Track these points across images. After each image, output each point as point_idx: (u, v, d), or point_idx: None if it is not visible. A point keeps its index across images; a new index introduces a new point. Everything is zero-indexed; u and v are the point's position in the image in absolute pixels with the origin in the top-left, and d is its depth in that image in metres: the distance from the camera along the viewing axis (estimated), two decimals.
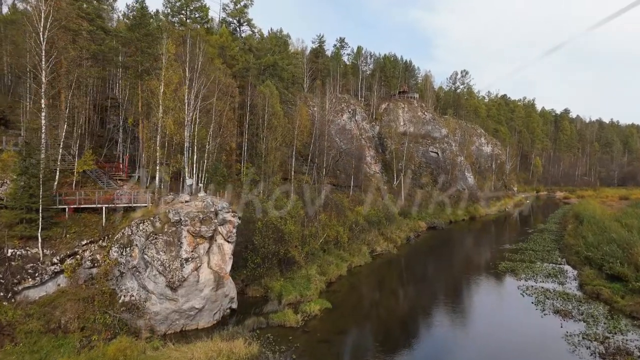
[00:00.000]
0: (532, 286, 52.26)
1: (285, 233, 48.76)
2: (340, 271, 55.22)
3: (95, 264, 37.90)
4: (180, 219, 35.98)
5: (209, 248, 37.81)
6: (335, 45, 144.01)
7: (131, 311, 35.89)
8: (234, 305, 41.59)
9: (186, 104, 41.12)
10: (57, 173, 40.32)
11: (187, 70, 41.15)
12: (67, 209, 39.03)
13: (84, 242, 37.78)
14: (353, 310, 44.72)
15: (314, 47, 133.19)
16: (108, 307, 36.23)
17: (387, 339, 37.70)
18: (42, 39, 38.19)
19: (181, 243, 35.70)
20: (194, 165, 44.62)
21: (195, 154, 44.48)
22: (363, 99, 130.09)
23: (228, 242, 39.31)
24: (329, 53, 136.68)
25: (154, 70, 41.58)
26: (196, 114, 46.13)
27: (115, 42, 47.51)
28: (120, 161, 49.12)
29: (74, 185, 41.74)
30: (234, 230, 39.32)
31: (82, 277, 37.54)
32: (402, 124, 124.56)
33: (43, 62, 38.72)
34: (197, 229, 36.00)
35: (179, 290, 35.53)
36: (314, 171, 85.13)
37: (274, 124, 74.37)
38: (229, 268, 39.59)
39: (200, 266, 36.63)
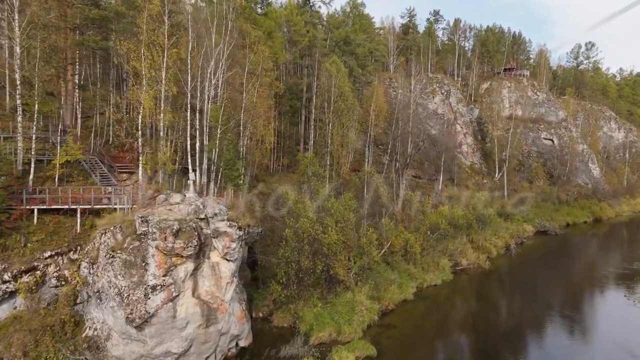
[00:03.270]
0: None
1: (325, 244, 36.88)
2: (404, 294, 42.03)
3: (63, 282, 29.52)
4: (148, 231, 25.89)
5: (194, 270, 27.43)
6: (428, 19, 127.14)
7: (92, 350, 26.84)
8: (245, 342, 31.02)
9: (163, 72, 30.79)
10: (32, 164, 32.54)
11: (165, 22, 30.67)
12: (35, 211, 31.07)
13: (47, 254, 29.48)
14: None
15: (403, 22, 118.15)
16: (67, 342, 27.59)
17: None
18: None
19: (146, 264, 25.62)
20: (204, 157, 34.45)
21: (204, 141, 34.28)
22: (460, 79, 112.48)
23: (227, 260, 28.62)
24: (420, 28, 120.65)
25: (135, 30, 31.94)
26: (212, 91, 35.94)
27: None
28: (126, 150, 40.68)
29: (56, 180, 33.85)
30: (234, 245, 28.44)
31: (45, 299, 29.39)
32: (507, 106, 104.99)
33: (16, 27, 31.08)
34: (170, 244, 25.64)
35: (147, 329, 25.59)
36: (393, 163, 71.75)
37: (341, 107, 62.50)
38: (228, 296, 28.91)
39: (178, 296, 26.35)
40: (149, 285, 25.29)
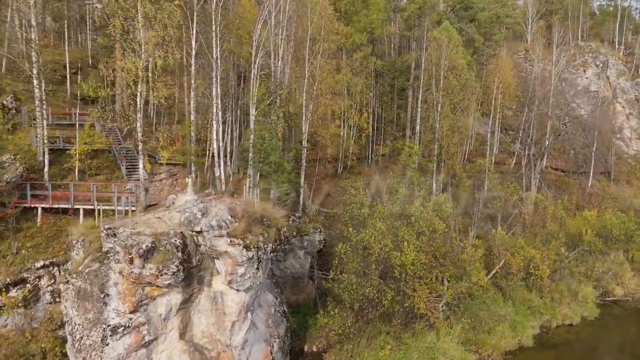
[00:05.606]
0: None
1: (397, 265, 26.64)
2: (518, 337, 29.90)
3: (58, 299, 24.16)
4: (110, 248, 18.69)
5: (184, 302, 19.73)
6: None
7: None
8: None
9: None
10: (46, 155, 27.83)
11: None
12: (38, 210, 26.25)
13: (39, 264, 24.33)
14: None
15: None
16: None
17: None
18: None
19: (106, 295, 18.49)
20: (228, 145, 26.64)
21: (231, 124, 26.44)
22: (623, 47, 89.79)
23: (235, 289, 20.43)
24: None
25: None
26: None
27: None
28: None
29: (76, 173, 28.88)
30: (241, 271, 20.04)
31: (39, 318, 24.36)
32: None
33: None
34: (137, 270, 18.11)
35: None
36: (525, 152, 57.18)
37: (452, 83, 50.44)
38: (238, 339, 20.76)
39: (155, 341, 18.91)
40: (108, 326, 18.19)
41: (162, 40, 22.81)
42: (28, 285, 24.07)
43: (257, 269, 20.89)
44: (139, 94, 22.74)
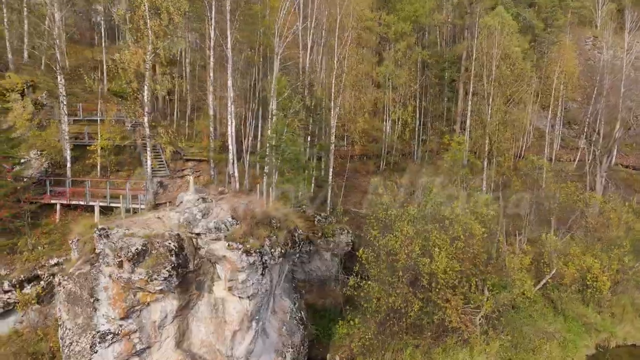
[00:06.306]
0: None
1: (426, 274, 24.05)
2: (570, 357, 26.42)
3: None
4: (102, 250, 17.64)
5: (181, 309, 18.43)
6: None
7: None
8: None
9: None
10: (67, 150, 27.64)
11: None
12: (57, 206, 26.03)
13: (53, 261, 24.02)
14: None
15: None
16: None
17: None
18: None
19: (96, 300, 17.48)
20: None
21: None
22: None
23: (237, 297, 18.89)
24: None
25: None
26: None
27: None
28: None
29: (98, 169, 28.54)
30: (242, 277, 18.43)
31: (52, 315, 24.00)
32: None
33: None
34: (126, 274, 16.95)
35: None
36: (590, 148, 51.98)
37: (505, 73, 46.60)
38: (240, 351, 19.25)
39: (148, 349, 17.73)
40: (98, 332, 17.19)
41: (166, 29, 21.53)
42: (42, 282, 23.83)
43: (262, 274, 19.20)
44: (145, 87, 21.68)
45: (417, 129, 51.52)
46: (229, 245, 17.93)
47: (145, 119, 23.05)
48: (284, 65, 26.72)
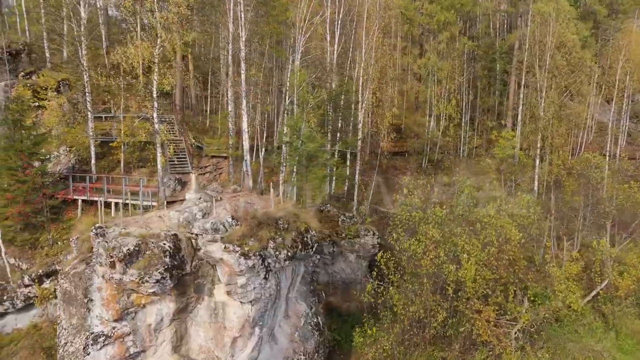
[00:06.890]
0: None
1: (452, 282, 21.93)
2: None
3: None
4: (95, 251, 17.09)
5: (178, 312, 17.61)
6: None
7: None
8: None
9: None
10: (92, 147, 27.79)
11: None
12: (79, 202, 26.19)
13: (70, 257, 24.10)
14: None
15: None
16: None
17: None
18: None
19: (89, 300, 16.95)
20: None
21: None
22: None
23: (238, 301, 17.84)
24: None
25: None
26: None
27: None
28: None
29: (122, 165, 28.54)
30: (242, 281, 17.29)
31: None
32: None
33: None
34: (118, 275, 16.28)
35: None
36: None
37: (560, 64, 43.02)
38: (242, 357, 18.15)
39: (143, 353, 17.04)
40: (91, 333, 16.69)
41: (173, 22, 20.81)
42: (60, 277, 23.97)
43: (266, 278, 18.01)
44: (154, 81, 21.10)
45: (463, 124, 48.62)
46: (225, 247, 16.88)
47: (155, 114, 22.50)
48: (304, 58, 25.35)
